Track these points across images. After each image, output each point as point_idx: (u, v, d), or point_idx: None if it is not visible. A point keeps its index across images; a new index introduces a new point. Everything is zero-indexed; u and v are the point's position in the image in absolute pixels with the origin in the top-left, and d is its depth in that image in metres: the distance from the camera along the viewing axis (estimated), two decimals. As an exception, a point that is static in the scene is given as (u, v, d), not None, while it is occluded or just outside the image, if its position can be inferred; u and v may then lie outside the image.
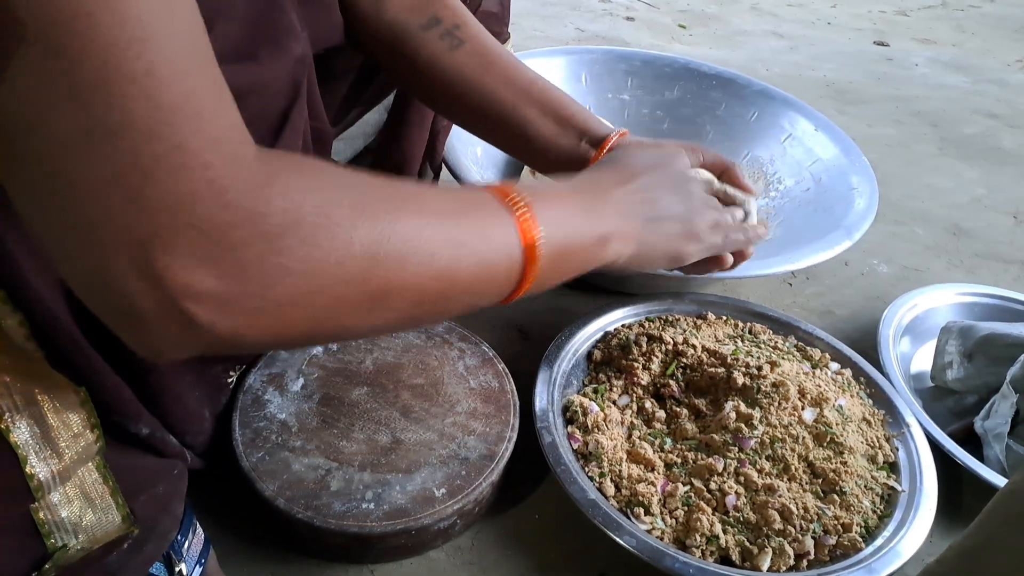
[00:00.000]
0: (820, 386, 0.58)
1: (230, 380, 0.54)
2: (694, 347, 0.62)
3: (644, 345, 0.62)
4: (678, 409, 0.58)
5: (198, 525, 0.47)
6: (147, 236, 0.24)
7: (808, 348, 0.65)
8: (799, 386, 0.57)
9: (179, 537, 0.44)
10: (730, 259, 0.54)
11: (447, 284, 0.33)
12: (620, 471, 0.53)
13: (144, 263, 0.24)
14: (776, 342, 0.65)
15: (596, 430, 0.55)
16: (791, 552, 0.49)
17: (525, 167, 0.88)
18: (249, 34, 0.41)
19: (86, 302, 0.26)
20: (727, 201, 0.54)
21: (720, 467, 0.53)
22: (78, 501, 0.37)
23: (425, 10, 0.53)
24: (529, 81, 0.55)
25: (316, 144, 0.51)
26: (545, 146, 0.55)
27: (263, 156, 0.27)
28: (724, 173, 0.55)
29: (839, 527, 0.51)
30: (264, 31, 0.42)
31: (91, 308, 0.26)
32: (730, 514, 0.51)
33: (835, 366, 0.64)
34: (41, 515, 0.35)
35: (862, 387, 0.62)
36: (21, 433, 0.34)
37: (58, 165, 0.23)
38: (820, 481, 0.53)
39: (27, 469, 0.34)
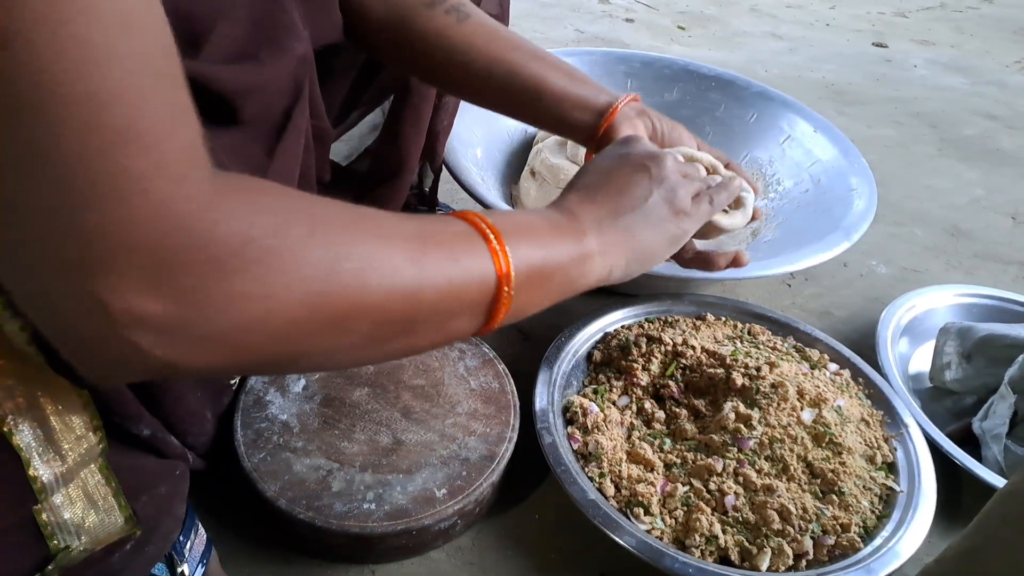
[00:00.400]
0: (819, 387, 0.58)
1: (232, 381, 0.54)
2: (693, 348, 0.62)
3: (644, 346, 0.63)
4: (677, 410, 0.58)
5: (200, 526, 0.47)
6: (86, 263, 0.23)
7: (807, 349, 0.66)
8: (798, 387, 0.57)
9: (181, 538, 0.44)
10: (722, 262, 0.54)
11: (412, 305, 0.31)
12: (620, 471, 0.53)
13: (84, 290, 0.23)
14: (775, 343, 0.66)
15: (596, 431, 0.56)
16: (790, 552, 0.49)
17: (526, 167, 0.88)
18: (251, 34, 0.41)
19: (35, 322, 0.26)
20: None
21: (719, 467, 0.53)
22: (81, 503, 0.37)
23: None
24: (535, 48, 0.56)
25: (317, 143, 0.51)
26: (561, 98, 0.54)
27: (216, 179, 0.26)
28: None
29: (838, 527, 0.51)
30: (266, 31, 0.42)
31: (40, 329, 0.26)
32: (729, 514, 0.51)
33: (834, 367, 0.64)
34: (44, 517, 0.35)
35: (861, 388, 0.63)
36: (24, 436, 0.34)
37: None
38: (819, 481, 0.53)
39: (30, 472, 0.34)
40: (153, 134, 0.24)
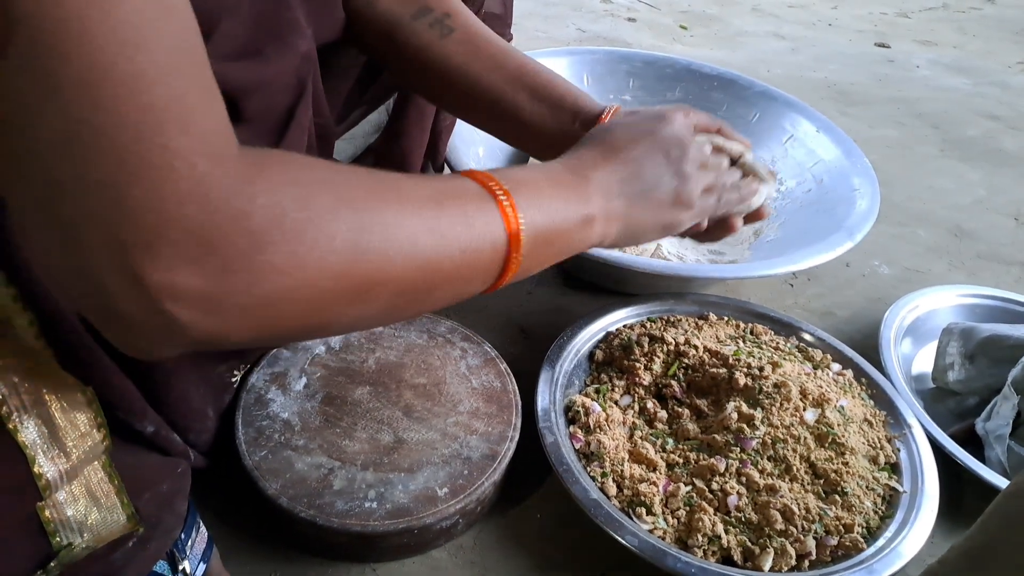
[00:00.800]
0: (821, 387, 0.58)
1: (234, 379, 0.54)
2: (696, 347, 0.62)
3: (646, 345, 0.62)
4: (680, 409, 0.58)
5: (201, 523, 0.47)
6: (131, 237, 0.24)
7: (809, 349, 0.65)
8: (801, 387, 0.57)
9: (182, 535, 0.44)
10: (739, 223, 0.52)
11: (431, 274, 0.32)
12: (622, 471, 0.53)
13: (126, 264, 0.24)
14: (778, 343, 0.65)
15: (598, 430, 0.56)
16: (793, 552, 0.49)
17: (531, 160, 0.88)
18: (255, 31, 0.41)
19: (67, 299, 0.27)
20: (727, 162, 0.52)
21: (722, 467, 0.53)
22: (84, 500, 0.37)
23: (415, 0, 0.54)
24: (519, 66, 0.54)
25: (320, 141, 0.51)
26: (538, 130, 0.54)
27: (246, 154, 0.27)
28: (717, 133, 0.53)
29: (841, 527, 0.51)
30: (270, 28, 0.42)
31: (73, 306, 0.27)
32: (732, 514, 0.51)
33: (836, 367, 0.64)
34: (47, 513, 0.35)
35: (863, 388, 0.63)
36: (29, 433, 0.34)
37: (44, 163, 0.23)
38: (822, 482, 0.53)
39: (35, 469, 0.34)
40: (193, 113, 0.25)
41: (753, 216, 0.53)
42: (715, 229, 0.52)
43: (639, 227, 0.45)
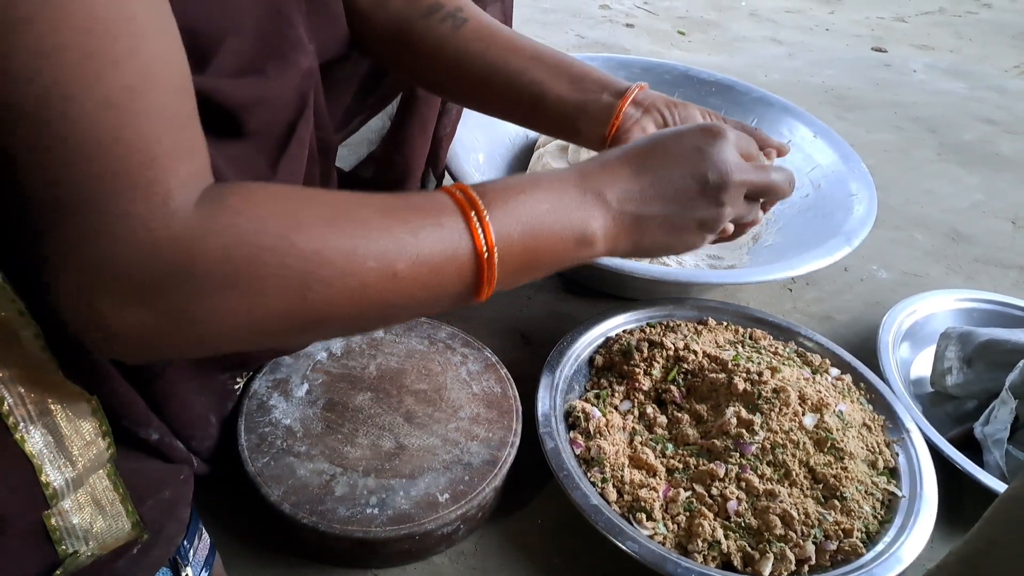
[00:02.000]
0: (820, 392, 0.58)
1: (236, 386, 0.54)
2: (695, 352, 0.62)
3: (645, 350, 0.63)
4: (679, 415, 0.59)
5: (204, 530, 0.47)
6: (88, 280, 0.28)
7: (808, 354, 0.66)
8: (799, 392, 0.57)
9: (185, 542, 0.44)
10: (731, 228, 0.50)
11: (388, 296, 0.33)
12: (622, 476, 0.53)
13: (86, 301, 0.28)
14: (776, 348, 0.66)
15: (598, 435, 0.56)
16: (792, 557, 0.49)
17: (528, 172, 0.88)
18: (258, 49, 0.42)
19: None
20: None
21: (721, 472, 0.53)
22: (89, 508, 0.37)
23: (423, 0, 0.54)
24: (536, 48, 0.54)
25: (321, 155, 0.52)
26: (561, 105, 0.52)
27: (204, 204, 0.29)
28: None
29: (840, 532, 0.51)
30: (272, 46, 0.43)
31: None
32: (732, 519, 0.51)
33: (835, 371, 0.64)
34: (53, 522, 0.36)
35: (862, 392, 0.63)
36: (36, 442, 0.34)
37: (30, 203, 0.28)
38: (821, 486, 0.53)
39: (42, 478, 0.34)
40: (162, 174, 0.28)
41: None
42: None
43: (652, 245, 0.43)
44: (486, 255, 0.35)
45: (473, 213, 0.35)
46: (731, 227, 0.47)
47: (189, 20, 0.36)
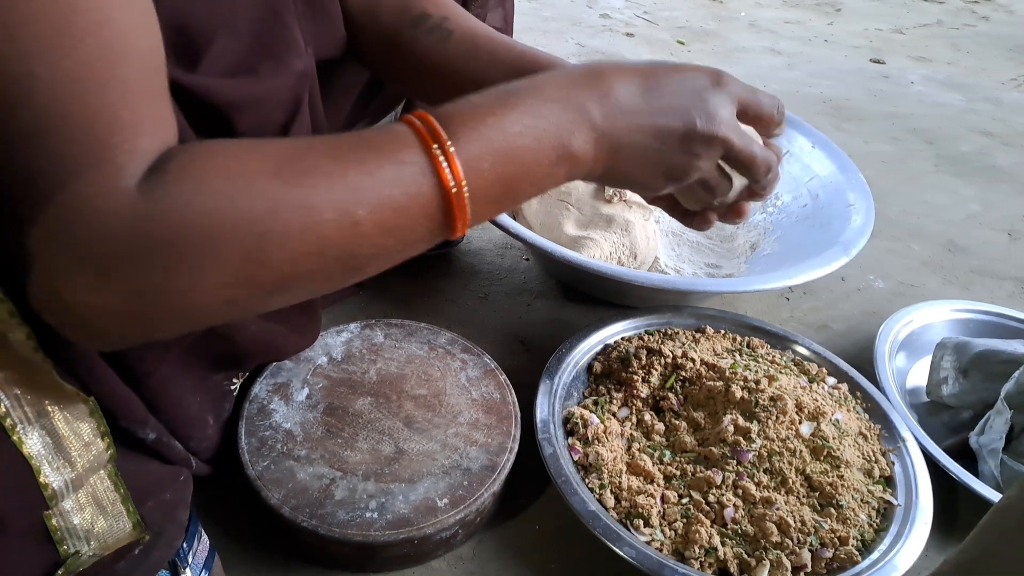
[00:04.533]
0: (817, 400, 0.59)
1: (232, 387, 0.54)
2: (693, 360, 0.62)
3: (643, 358, 0.63)
4: (677, 422, 0.59)
5: (203, 532, 0.47)
6: (51, 263, 0.28)
7: (805, 362, 0.66)
8: (796, 400, 0.58)
9: (184, 544, 0.45)
10: (714, 218, 0.49)
11: (348, 251, 0.31)
12: (620, 483, 0.53)
13: (52, 285, 0.28)
14: (774, 356, 0.66)
15: (596, 442, 0.56)
16: (788, 564, 0.49)
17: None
18: (251, 49, 0.42)
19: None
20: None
21: (718, 480, 0.53)
22: (90, 508, 0.38)
23: (414, 9, 0.54)
24: (517, 55, 0.52)
25: None
26: None
27: (149, 170, 0.29)
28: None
29: (836, 540, 0.51)
30: (266, 46, 0.43)
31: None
32: (728, 526, 0.51)
33: (832, 380, 0.65)
34: (54, 522, 0.36)
35: (858, 401, 0.63)
36: (34, 444, 0.34)
37: None
38: (817, 494, 0.54)
39: (41, 479, 0.35)
40: (102, 155, 0.28)
41: (731, 215, 0.49)
42: (694, 218, 0.50)
43: (620, 175, 0.40)
44: (454, 190, 0.32)
45: (435, 145, 0.32)
46: (693, 202, 0.45)
47: (179, 16, 0.37)
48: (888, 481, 0.57)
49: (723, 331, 0.69)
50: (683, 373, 0.62)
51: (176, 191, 0.28)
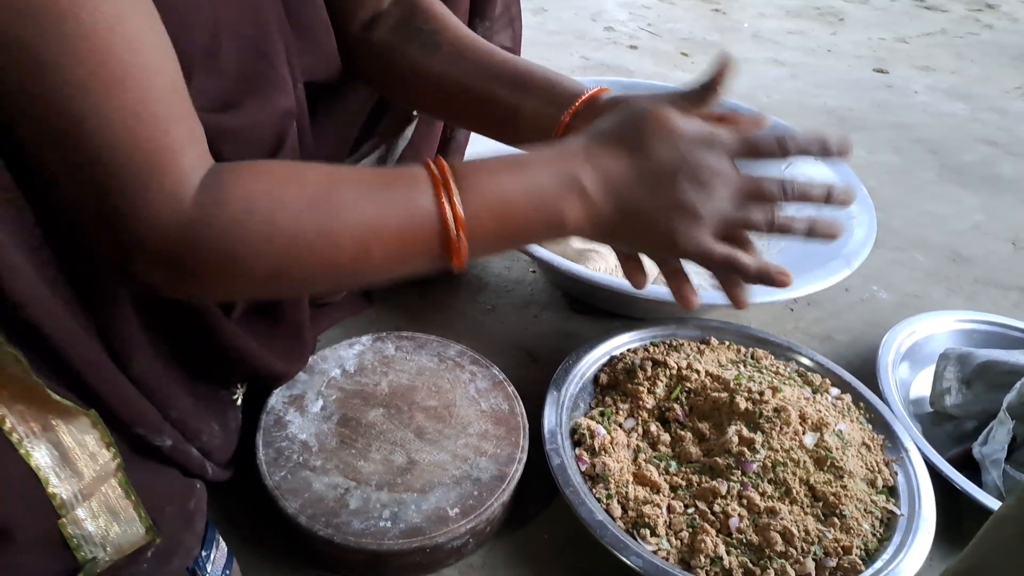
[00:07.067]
0: (820, 411, 0.60)
1: (235, 397, 0.55)
2: (698, 372, 0.63)
3: (649, 369, 0.64)
4: (682, 433, 0.60)
5: (221, 539, 0.48)
6: (119, 247, 0.35)
7: (809, 373, 0.67)
8: (800, 411, 0.59)
9: (203, 552, 0.46)
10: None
11: (363, 266, 0.38)
12: (626, 493, 0.55)
13: (119, 262, 0.36)
14: (778, 367, 0.67)
15: (603, 452, 0.57)
16: (793, 573, 0.50)
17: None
18: (235, 87, 0.43)
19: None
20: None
21: (724, 490, 0.54)
22: (103, 516, 0.39)
23: (408, 24, 0.56)
24: (500, 63, 0.53)
25: None
26: (514, 120, 0.53)
27: (204, 185, 0.35)
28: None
29: (839, 549, 0.52)
30: (251, 84, 0.44)
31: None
32: (733, 536, 0.52)
33: (835, 391, 0.66)
34: (69, 530, 0.37)
35: (862, 412, 0.64)
36: (41, 456, 0.36)
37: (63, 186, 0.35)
38: (821, 504, 0.55)
39: (49, 490, 0.36)
40: (167, 166, 0.34)
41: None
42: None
43: (630, 238, 0.45)
44: (454, 231, 0.39)
45: (443, 189, 0.39)
46: (740, 213, 0.47)
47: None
48: (891, 491, 0.58)
49: (727, 343, 0.70)
50: (688, 384, 0.63)
51: (228, 214, 0.35)
